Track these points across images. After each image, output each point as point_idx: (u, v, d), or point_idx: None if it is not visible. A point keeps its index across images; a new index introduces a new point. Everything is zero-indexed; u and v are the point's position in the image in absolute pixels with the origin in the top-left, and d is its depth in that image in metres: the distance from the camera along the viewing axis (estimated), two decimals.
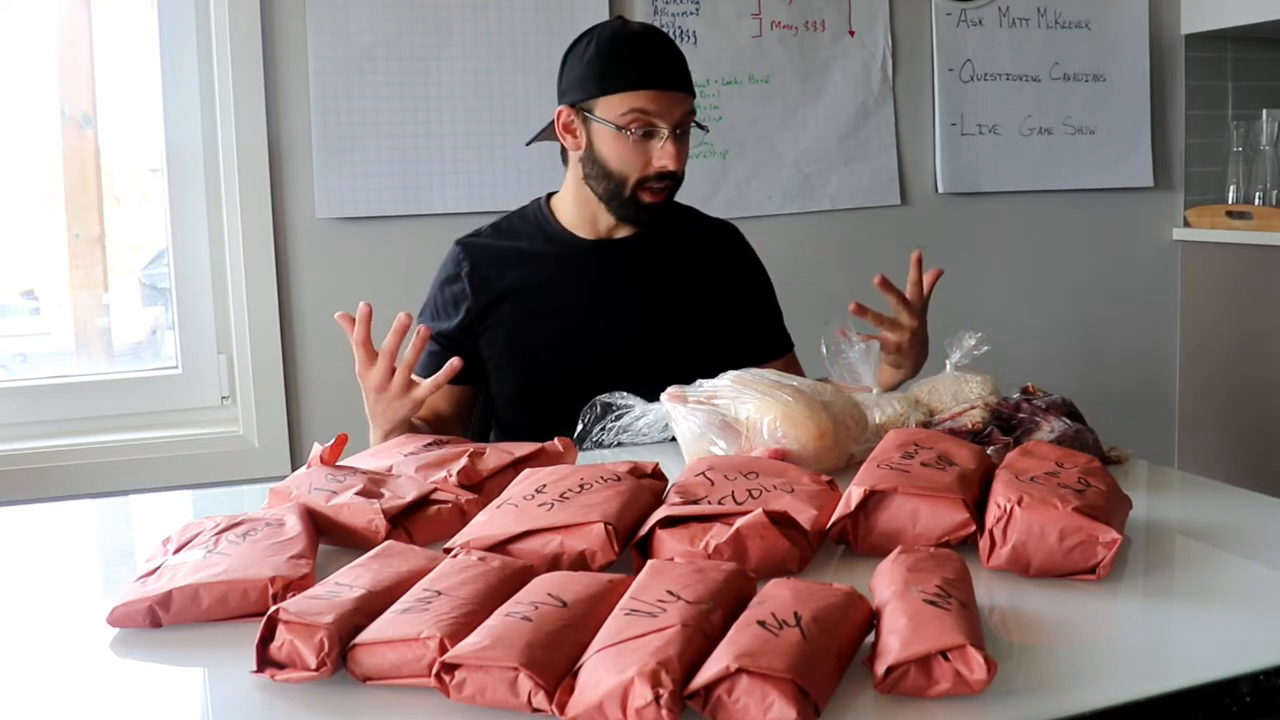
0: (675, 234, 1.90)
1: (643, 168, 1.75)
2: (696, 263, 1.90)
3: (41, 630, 1.06)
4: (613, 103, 1.74)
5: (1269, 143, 3.05)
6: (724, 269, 1.93)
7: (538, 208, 1.90)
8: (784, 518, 1.10)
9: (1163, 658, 0.97)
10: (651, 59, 1.75)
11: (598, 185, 1.79)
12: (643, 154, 1.75)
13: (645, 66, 1.74)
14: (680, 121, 1.75)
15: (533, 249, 1.85)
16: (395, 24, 2.52)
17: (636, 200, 1.77)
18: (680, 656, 0.81)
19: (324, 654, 0.88)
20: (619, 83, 1.73)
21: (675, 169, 1.75)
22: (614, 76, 1.74)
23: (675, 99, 1.75)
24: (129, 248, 2.61)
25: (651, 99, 1.73)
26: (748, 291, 1.96)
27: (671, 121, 1.74)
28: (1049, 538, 1.06)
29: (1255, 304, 3.02)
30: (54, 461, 2.38)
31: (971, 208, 3.01)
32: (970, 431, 1.47)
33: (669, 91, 1.74)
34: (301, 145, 2.49)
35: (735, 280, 1.94)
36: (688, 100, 1.77)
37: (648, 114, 1.73)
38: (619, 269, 1.85)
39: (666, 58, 1.77)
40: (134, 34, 2.50)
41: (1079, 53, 3.05)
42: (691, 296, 1.88)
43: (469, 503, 1.26)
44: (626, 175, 1.76)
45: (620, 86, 1.73)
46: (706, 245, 1.93)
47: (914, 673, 0.84)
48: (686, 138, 1.79)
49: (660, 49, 1.77)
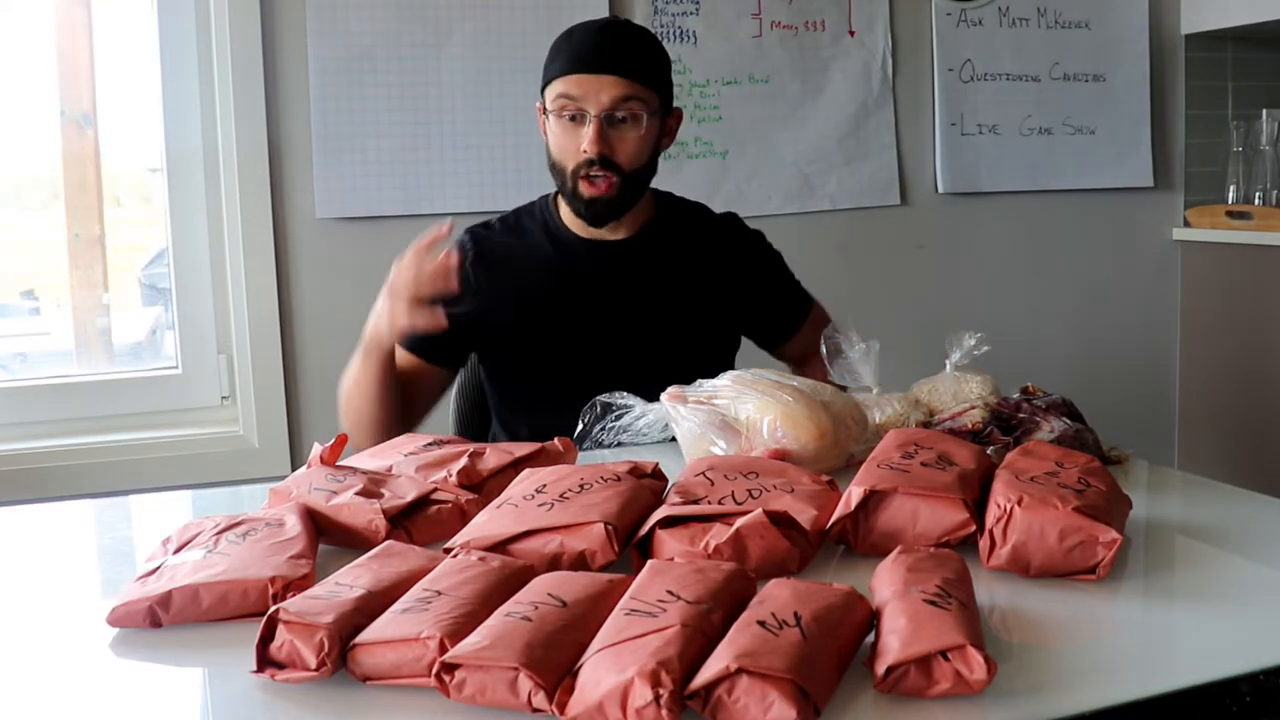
0: (673, 232, 1.88)
1: (574, 154, 1.72)
2: (699, 260, 1.88)
3: (41, 630, 1.06)
4: (549, 91, 1.74)
5: (1269, 143, 3.05)
6: (725, 260, 1.90)
7: (545, 204, 1.88)
8: (784, 518, 1.10)
9: (1163, 658, 0.97)
10: (588, 46, 1.72)
11: (554, 180, 1.79)
12: (574, 141, 1.72)
13: (577, 52, 1.72)
14: (610, 106, 1.70)
15: (537, 247, 1.84)
16: (395, 24, 2.52)
17: (577, 192, 1.75)
18: (680, 656, 0.81)
19: (324, 654, 0.88)
20: (554, 69, 1.73)
21: (593, 153, 1.70)
22: (551, 64, 1.75)
23: (604, 82, 1.70)
24: (129, 248, 2.61)
25: (576, 82, 1.70)
26: (754, 275, 1.93)
27: (597, 106, 1.70)
28: (1049, 538, 1.06)
29: (1255, 304, 3.02)
30: (54, 461, 2.38)
31: (971, 208, 3.01)
32: (970, 431, 1.47)
33: (597, 75, 1.70)
34: (301, 145, 2.49)
35: (738, 269, 1.91)
36: (623, 85, 1.70)
37: (571, 98, 1.70)
38: (617, 271, 1.83)
39: (605, 43, 1.73)
40: (134, 34, 2.50)
41: (1079, 53, 3.05)
42: (695, 295, 1.86)
43: (469, 503, 1.26)
44: (564, 164, 1.74)
45: (553, 74, 1.73)
46: (708, 242, 1.91)
47: (914, 673, 0.84)
48: (631, 126, 1.72)
49: (607, 37, 1.74)
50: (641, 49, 1.75)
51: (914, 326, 2.84)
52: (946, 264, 3.02)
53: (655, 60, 1.77)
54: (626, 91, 1.71)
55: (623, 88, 1.70)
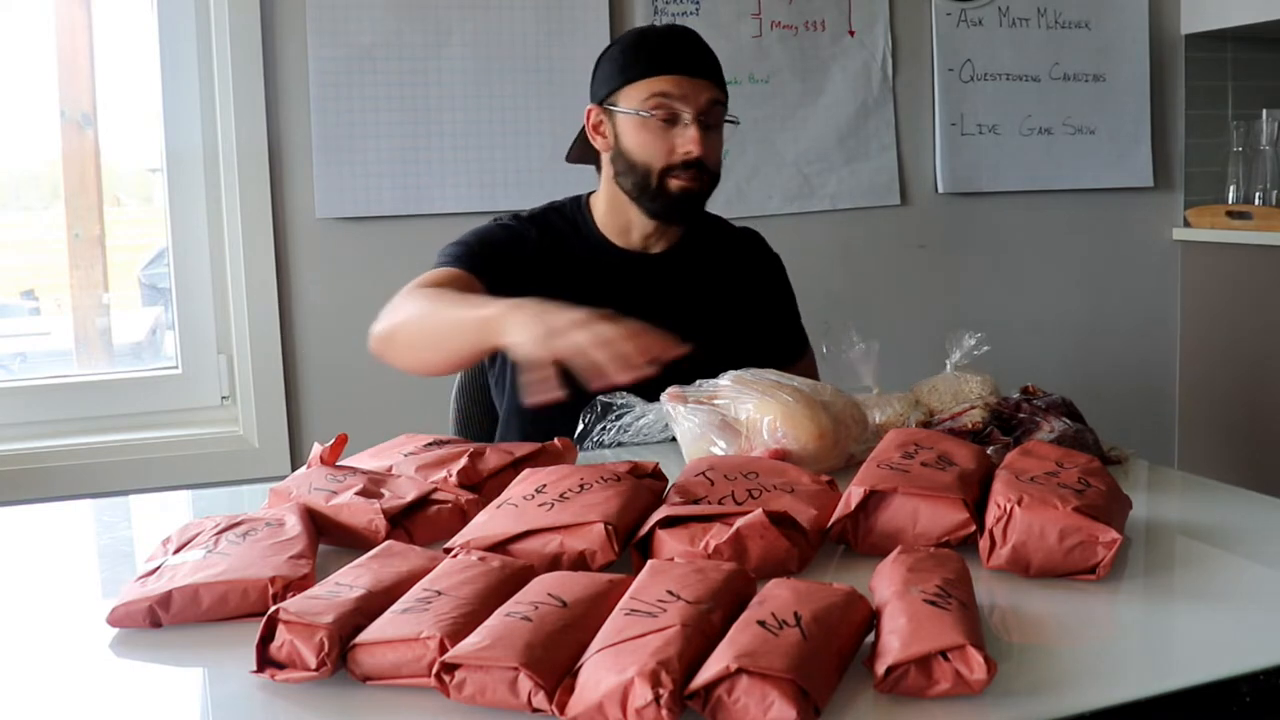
0: (704, 247, 1.87)
1: (667, 154, 1.72)
2: (723, 276, 1.87)
3: (41, 630, 1.06)
4: (635, 90, 1.72)
5: (1269, 143, 3.05)
6: (748, 279, 1.90)
7: (576, 206, 1.85)
8: (784, 518, 1.10)
9: (1163, 658, 0.97)
10: (674, 46, 1.74)
11: (626, 181, 1.75)
12: (666, 141, 1.71)
13: (666, 52, 1.73)
14: (705, 109, 1.71)
15: (574, 253, 1.81)
16: (395, 24, 2.52)
17: (664, 190, 1.73)
18: (680, 656, 0.81)
19: (324, 654, 0.88)
20: (640, 69, 1.72)
21: (699, 154, 1.70)
22: (636, 64, 1.73)
23: (700, 85, 1.72)
24: (129, 248, 2.61)
25: (673, 83, 1.71)
26: (770, 300, 1.93)
27: (695, 106, 1.71)
28: (1049, 538, 1.06)
29: (1255, 304, 3.02)
30: (54, 461, 2.38)
31: (971, 208, 3.01)
32: (970, 431, 1.47)
33: (692, 77, 1.71)
34: (301, 145, 2.48)
35: (758, 290, 1.91)
36: (713, 89, 1.73)
37: (669, 98, 1.70)
38: (652, 286, 1.80)
39: (690, 46, 1.75)
40: (134, 34, 2.50)
41: (1079, 53, 3.05)
42: (718, 311, 1.84)
43: (469, 503, 1.26)
44: (651, 164, 1.72)
45: (642, 73, 1.72)
46: (732, 257, 1.90)
47: (914, 673, 0.84)
48: (717, 131, 1.75)
49: (685, 39, 1.76)
50: (715, 57, 1.78)
51: (914, 326, 2.85)
52: (946, 264, 3.01)
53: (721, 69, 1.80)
54: (717, 95, 1.74)
55: (714, 92, 1.73)
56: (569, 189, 1.91)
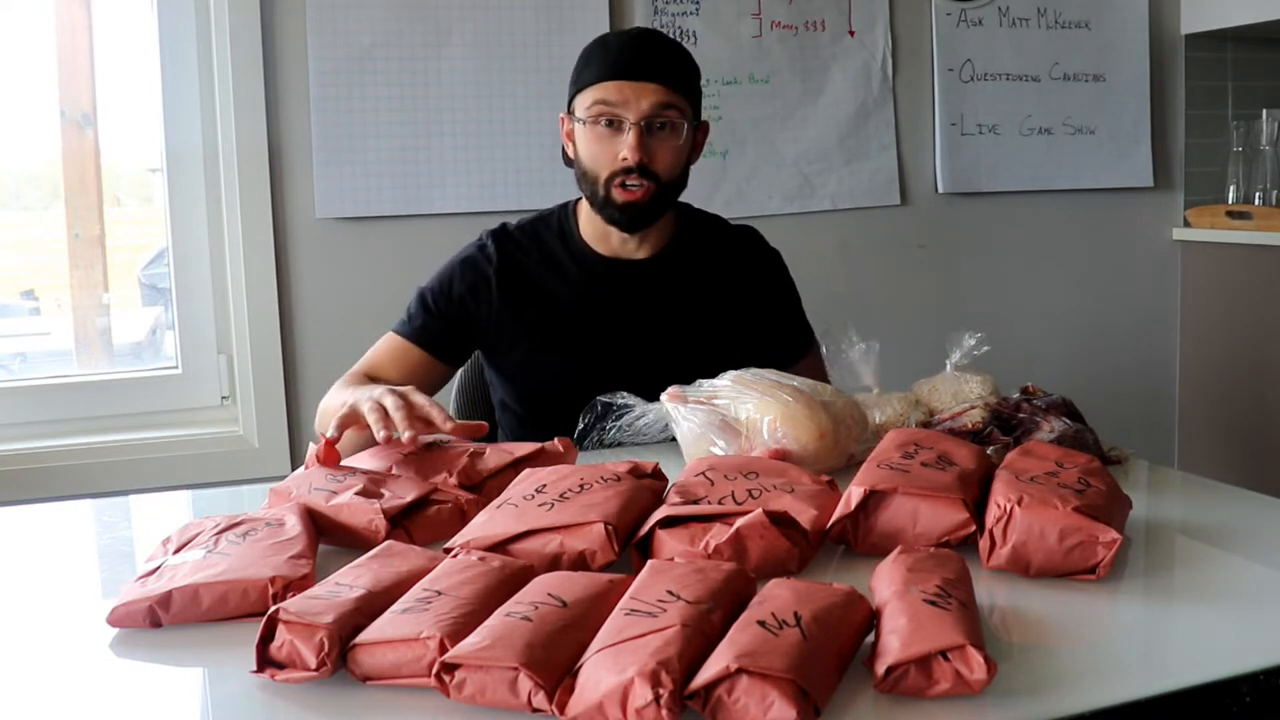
0: (697, 249, 1.85)
1: (610, 162, 1.69)
2: (717, 277, 1.86)
3: (41, 630, 1.06)
4: (582, 98, 1.72)
5: (1269, 143, 3.05)
6: (744, 278, 1.88)
7: (564, 214, 1.85)
8: (784, 518, 1.10)
9: (1163, 658, 0.98)
10: (624, 52, 1.71)
11: (584, 189, 1.76)
12: (610, 148, 1.70)
13: (610, 58, 1.71)
14: (650, 113, 1.68)
15: (558, 263, 1.81)
16: (395, 24, 2.52)
17: (610, 199, 1.71)
18: (680, 656, 0.81)
19: (324, 654, 0.88)
20: (588, 76, 1.71)
21: (634, 161, 1.68)
22: (585, 71, 1.73)
23: (643, 89, 1.68)
24: (129, 248, 2.61)
25: (615, 89, 1.68)
26: (768, 297, 1.92)
27: (637, 112, 1.68)
28: (1049, 538, 1.06)
29: (1255, 304, 3.02)
30: (54, 461, 2.38)
31: (971, 208, 3.01)
32: (970, 431, 1.47)
33: (635, 82, 1.68)
34: (301, 145, 2.49)
35: (755, 287, 1.89)
36: (661, 92, 1.68)
37: (610, 105, 1.68)
38: (637, 293, 1.80)
39: (642, 51, 1.71)
40: (134, 34, 2.50)
41: (1079, 53, 3.05)
42: (713, 313, 1.84)
43: (469, 503, 1.26)
44: (597, 172, 1.71)
45: (589, 80, 1.71)
46: (727, 257, 1.88)
47: (914, 673, 0.84)
48: (669, 134, 1.71)
49: (640, 44, 1.73)
50: (678, 58, 1.75)
51: (914, 326, 2.84)
52: (946, 264, 3.02)
53: (690, 70, 1.76)
54: (665, 99, 1.69)
55: (662, 95, 1.69)
56: (569, 189, 1.90)
